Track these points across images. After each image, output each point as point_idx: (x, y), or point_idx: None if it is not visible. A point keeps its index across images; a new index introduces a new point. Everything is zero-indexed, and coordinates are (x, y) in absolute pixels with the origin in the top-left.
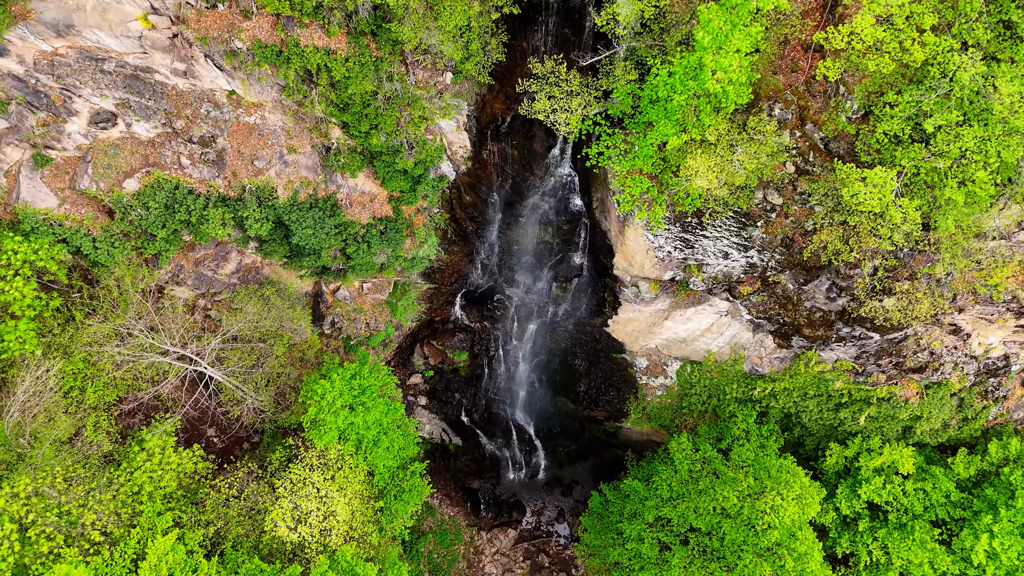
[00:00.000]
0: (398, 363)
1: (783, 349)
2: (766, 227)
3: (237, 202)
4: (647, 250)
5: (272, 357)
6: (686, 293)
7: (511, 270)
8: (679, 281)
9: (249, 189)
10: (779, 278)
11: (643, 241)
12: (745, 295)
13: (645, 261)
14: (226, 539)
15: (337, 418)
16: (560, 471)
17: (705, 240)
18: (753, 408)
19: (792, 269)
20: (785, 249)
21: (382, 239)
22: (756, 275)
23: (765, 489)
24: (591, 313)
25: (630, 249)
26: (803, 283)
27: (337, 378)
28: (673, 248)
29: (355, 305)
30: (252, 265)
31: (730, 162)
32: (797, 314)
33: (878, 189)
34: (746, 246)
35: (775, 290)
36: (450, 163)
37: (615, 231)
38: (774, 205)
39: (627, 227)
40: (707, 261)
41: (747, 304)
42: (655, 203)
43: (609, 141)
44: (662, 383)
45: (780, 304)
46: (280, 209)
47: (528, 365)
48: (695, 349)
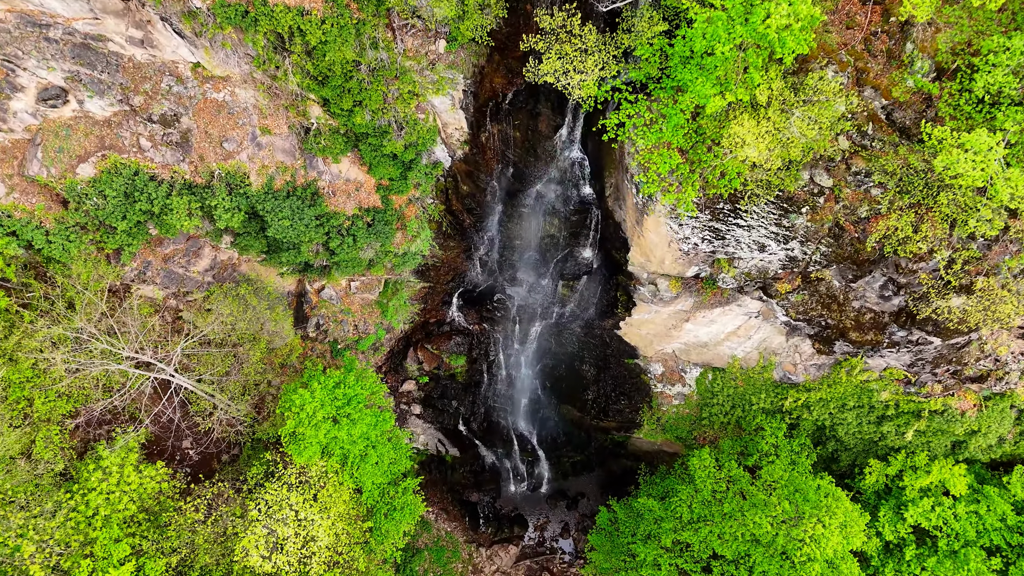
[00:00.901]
0: (390, 369)
1: (823, 355)
2: (812, 214)
3: (205, 190)
4: (669, 242)
5: (249, 363)
6: (712, 292)
7: (513, 267)
8: (704, 278)
9: (218, 175)
10: (823, 274)
11: (665, 232)
12: (783, 294)
13: (666, 255)
14: (193, 568)
15: (318, 432)
16: (564, 483)
17: (739, 230)
18: (782, 420)
19: (840, 263)
20: (833, 240)
21: (369, 232)
22: (797, 271)
23: (803, 515)
24: (601, 314)
25: (649, 242)
26: (852, 280)
27: (318, 387)
28: (701, 240)
29: (342, 305)
30: (228, 262)
31: (786, 128)
32: (843, 315)
33: (980, 158)
34: (787, 236)
35: (818, 288)
36: (445, 147)
37: (631, 221)
38: (822, 188)
39: (646, 216)
40: (740, 254)
41: (784, 304)
42: (686, 183)
43: (631, 109)
44: (679, 391)
45: (823, 304)
46: (253, 198)
47: (531, 371)
48: (718, 354)
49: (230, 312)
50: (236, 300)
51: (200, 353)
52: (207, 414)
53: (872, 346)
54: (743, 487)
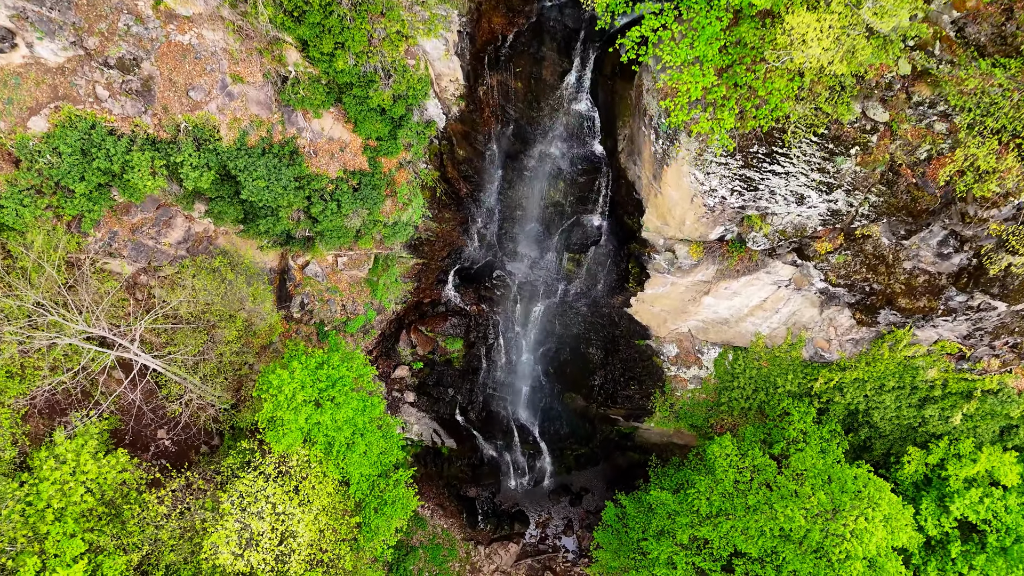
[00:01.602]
0: (381, 353)
1: (863, 327)
2: (862, 156)
3: (170, 145)
4: (692, 197)
5: (223, 342)
6: (740, 256)
7: (513, 241)
8: (730, 241)
9: (184, 128)
10: (871, 230)
11: (688, 184)
12: (821, 255)
13: (687, 214)
14: (157, 567)
15: (298, 417)
16: (568, 477)
17: (775, 178)
18: (811, 405)
19: (892, 216)
20: (886, 187)
21: (355, 197)
22: (839, 227)
23: (841, 507)
24: (609, 291)
25: (668, 200)
26: (905, 235)
27: (299, 367)
28: (729, 191)
29: (328, 283)
30: (203, 234)
31: (857, 22)
32: (891, 279)
33: None
34: (830, 185)
35: (863, 247)
36: (438, 103)
37: (647, 177)
38: (876, 124)
39: (666, 167)
40: (774, 209)
41: (822, 267)
42: (721, 110)
43: (655, 22)
44: (695, 375)
45: (869, 266)
46: (224, 154)
47: (533, 356)
48: (740, 332)
49: (203, 286)
50: (210, 273)
51: (172, 333)
52: (178, 398)
53: (924, 314)
54: (769, 477)
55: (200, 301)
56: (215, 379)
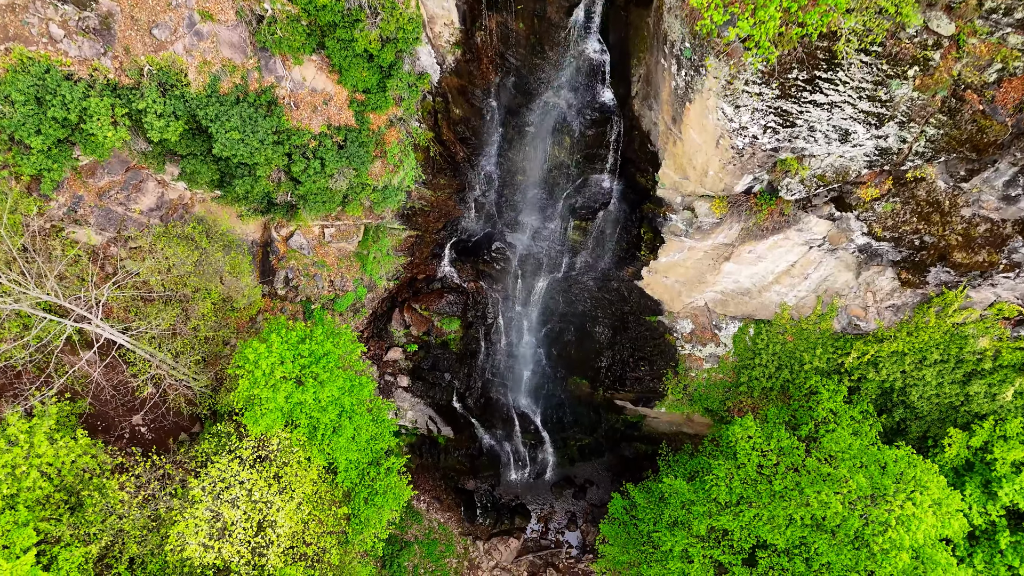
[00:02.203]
0: (372, 334)
1: (908, 290)
2: (921, 78)
3: (132, 91)
4: (719, 138)
5: (197, 317)
6: (769, 209)
7: (514, 209)
8: (759, 193)
9: (148, 72)
10: (924, 171)
11: (714, 123)
12: (866, 202)
13: (711, 160)
14: (120, 560)
15: (277, 395)
16: (571, 469)
17: (816, 110)
18: (841, 382)
19: (951, 153)
20: (947, 116)
21: (341, 155)
22: (888, 169)
23: (882, 492)
24: (619, 262)
25: (689, 146)
26: (965, 176)
27: (277, 340)
28: (761, 129)
29: (315, 257)
30: (178, 202)
31: None
32: (946, 229)
33: None
34: (881, 116)
35: (915, 192)
36: (431, 51)
37: (665, 122)
38: (939, 37)
39: (689, 104)
40: (812, 150)
41: (866, 218)
42: (764, 10)
43: None
44: (711, 353)
45: (920, 214)
46: (193, 101)
47: (535, 337)
48: (763, 303)
49: (174, 253)
50: (182, 241)
51: (142, 306)
52: (148, 378)
53: (981, 271)
54: (797, 461)
55: (173, 272)
56: (189, 357)
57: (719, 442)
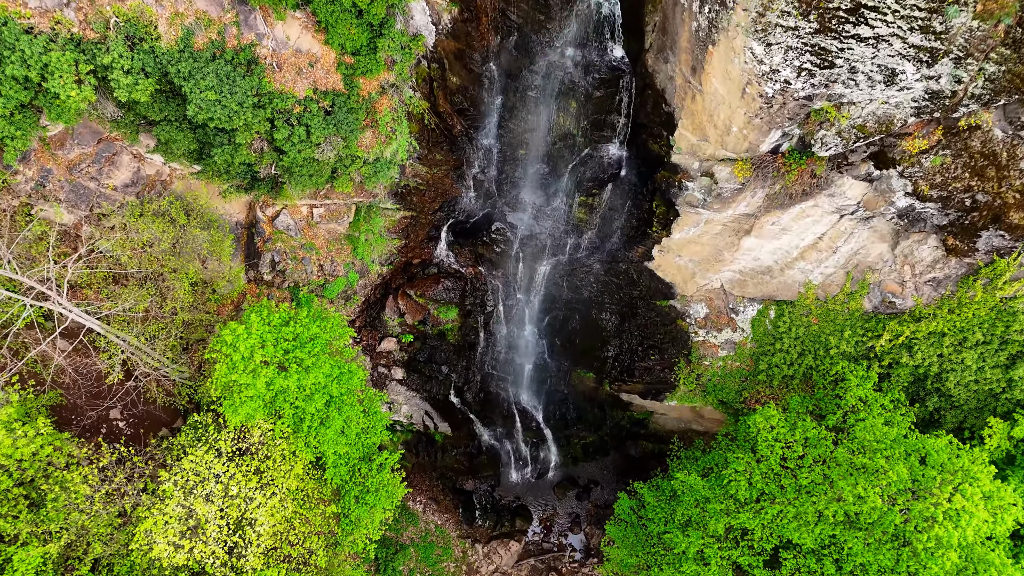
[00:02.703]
0: (365, 323)
1: (954, 259)
2: (983, 3)
3: (97, 46)
4: (745, 85)
5: (173, 299)
6: (799, 170)
7: (515, 186)
8: (787, 152)
9: (115, 24)
10: (980, 118)
11: (740, 67)
12: (912, 155)
13: (736, 114)
14: (83, 561)
15: (257, 380)
16: (575, 468)
17: (858, 46)
18: (870, 369)
19: (1014, 93)
20: (1010, 49)
21: (328, 122)
22: (938, 116)
23: (926, 484)
24: (627, 241)
25: (710, 99)
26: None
27: (257, 320)
28: (795, 72)
29: (303, 239)
30: (156, 178)
31: None
32: (1003, 185)
33: None
34: (934, 52)
35: (969, 143)
36: (426, 7)
37: (683, 74)
38: None
39: (712, 48)
40: (852, 95)
41: (912, 174)
42: None
43: None
44: (727, 339)
45: (974, 169)
46: (164, 57)
47: (537, 327)
48: (785, 282)
49: (147, 228)
50: (158, 217)
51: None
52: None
53: None
54: (825, 452)
55: (148, 251)
56: (164, 342)
57: (735, 436)
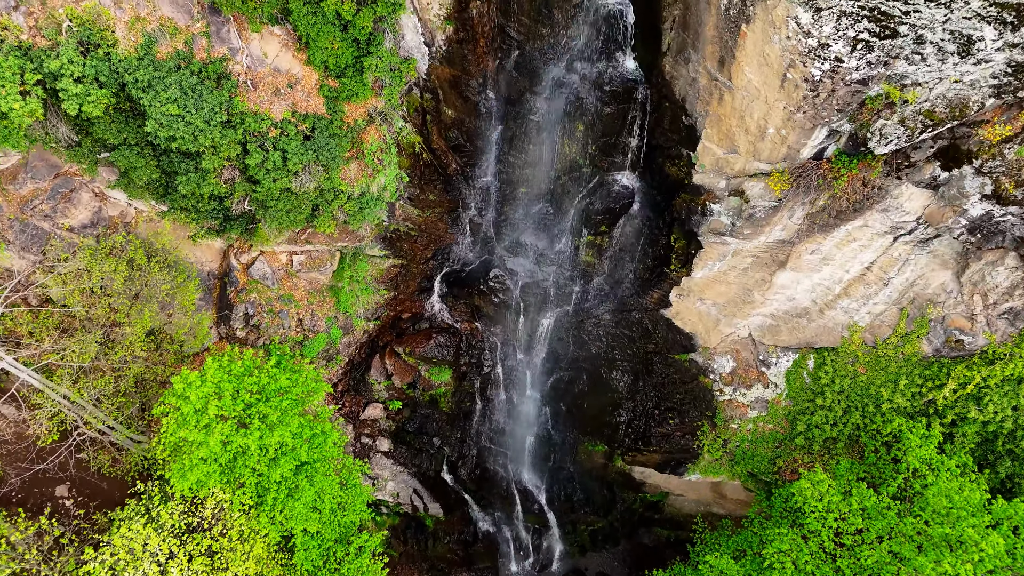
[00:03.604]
0: (349, 387)
1: None
2: None
3: (47, 53)
4: (787, 69)
5: (124, 347)
6: (851, 176)
7: (515, 228)
8: (833, 157)
9: (67, 29)
10: None
11: (781, 48)
12: (993, 145)
13: (773, 111)
14: None
15: (211, 437)
16: (582, 560)
17: (928, 7)
18: (931, 427)
19: None
20: None
21: (307, 148)
22: (1023, 96)
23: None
24: (642, 285)
25: (741, 98)
26: None
27: (213, 367)
28: (849, 46)
29: (281, 290)
30: (119, 219)
31: None
32: None
33: None
34: (1021, 10)
35: None
36: (418, 25)
37: (709, 72)
38: None
39: (746, 28)
40: (917, 74)
41: (991, 169)
42: None
43: None
44: (758, 396)
45: None
46: (120, 65)
47: (539, 392)
48: (825, 326)
49: (96, 266)
50: (113, 257)
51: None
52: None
53: None
54: (890, 524)
55: (97, 292)
56: (112, 400)
57: (770, 512)
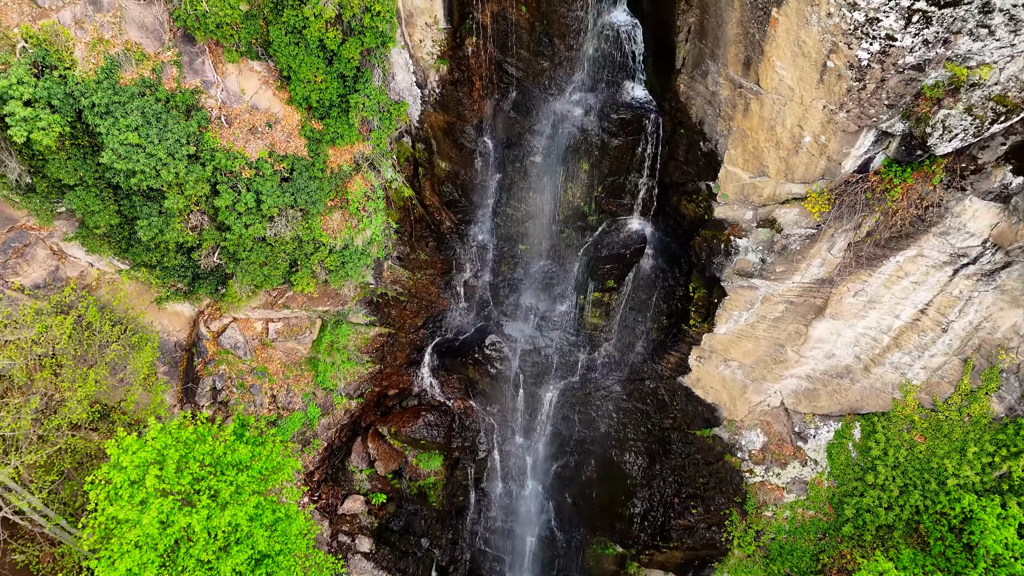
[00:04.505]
0: (326, 476)
1: None
2: None
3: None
4: (827, 55)
5: (59, 414)
6: (904, 187)
7: (514, 289)
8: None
9: (22, 50)
10: None
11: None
12: None
13: (811, 113)
14: None
15: (146, 515)
16: None
17: None
18: (1007, 506)
19: None
20: None
21: (284, 190)
22: None
23: None
24: (656, 349)
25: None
26: None
27: (156, 428)
28: (903, 19)
29: (254, 362)
30: (79, 280)
31: None
32: None
33: None
34: None
35: None
36: (410, 63)
37: (731, 79)
38: None
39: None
40: (984, 52)
41: None
42: None
43: None
44: (795, 477)
45: None
46: (77, 88)
47: (541, 482)
48: (872, 386)
49: (42, 325)
50: (61, 316)
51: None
52: None
53: None
54: None
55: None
56: (44, 478)
57: None
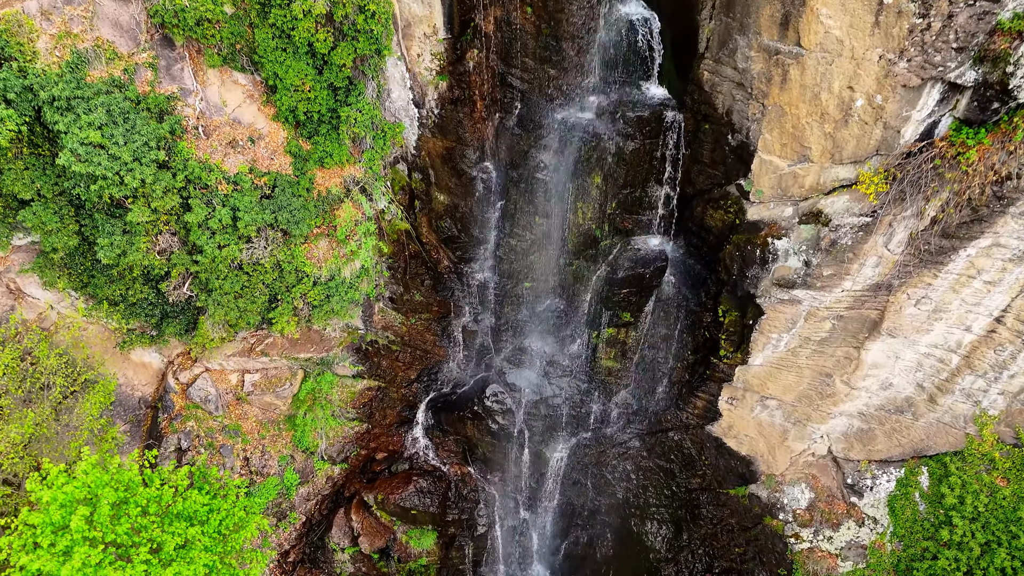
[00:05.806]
0: (304, 557)
1: None
2: None
3: None
4: (878, 12)
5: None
6: (980, 150)
7: (518, 332)
8: (948, 135)
9: None
10: None
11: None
12: None
13: (864, 69)
14: None
15: (66, 567)
16: None
17: None
18: None
19: None
20: None
21: (263, 207)
22: None
23: None
24: (680, 393)
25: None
26: None
27: (90, 461)
28: None
29: (226, 418)
30: (36, 322)
31: None
32: None
33: None
34: None
35: None
36: (407, 78)
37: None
38: None
39: None
40: None
41: None
42: None
43: None
44: (851, 540)
45: None
46: (37, 81)
47: (549, 566)
48: (939, 421)
49: None
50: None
51: None
52: None
53: None
54: None
55: None
56: None
57: None
